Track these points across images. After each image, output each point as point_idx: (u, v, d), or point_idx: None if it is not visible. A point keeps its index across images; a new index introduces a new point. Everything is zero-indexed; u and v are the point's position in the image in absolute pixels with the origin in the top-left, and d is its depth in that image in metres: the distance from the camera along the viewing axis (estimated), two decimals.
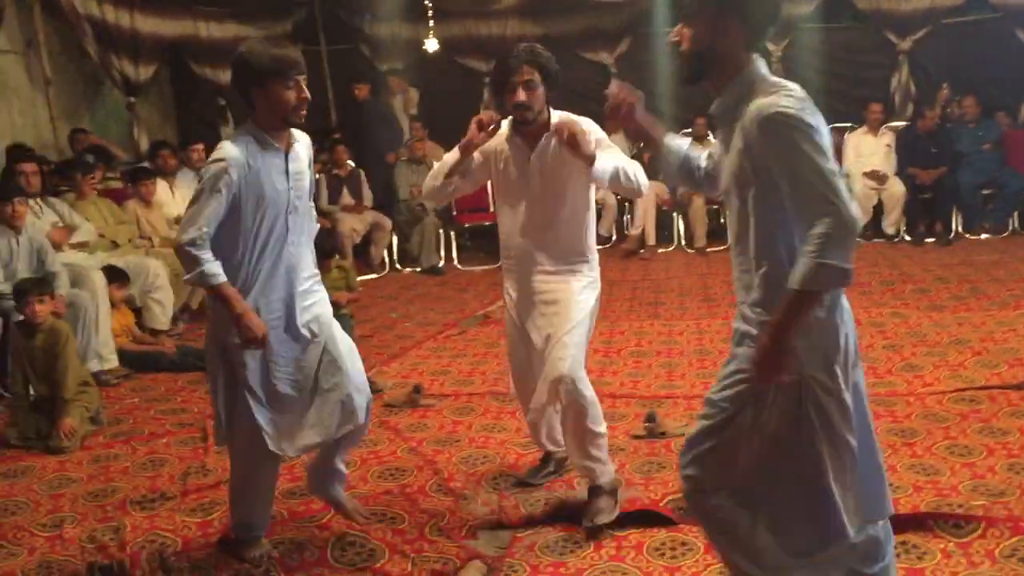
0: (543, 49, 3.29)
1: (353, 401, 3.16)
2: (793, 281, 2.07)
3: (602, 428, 3.41)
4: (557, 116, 3.35)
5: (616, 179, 3.24)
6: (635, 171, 3.29)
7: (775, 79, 2.23)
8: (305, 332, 3.10)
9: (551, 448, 3.77)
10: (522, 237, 3.45)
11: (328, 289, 3.37)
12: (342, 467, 3.41)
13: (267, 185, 2.96)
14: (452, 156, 3.42)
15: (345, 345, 3.21)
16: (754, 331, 2.24)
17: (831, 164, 2.07)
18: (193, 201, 2.91)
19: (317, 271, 3.24)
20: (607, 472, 3.44)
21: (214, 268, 2.88)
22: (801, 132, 2.07)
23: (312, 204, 3.25)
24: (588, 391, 3.33)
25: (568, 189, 3.37)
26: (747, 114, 2.14)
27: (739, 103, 2.20)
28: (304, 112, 2.99)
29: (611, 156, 3.26)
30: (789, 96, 2.12)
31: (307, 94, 2.97)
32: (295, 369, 3.11)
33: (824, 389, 2.21)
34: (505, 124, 3.41)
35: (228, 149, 2.91)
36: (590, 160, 3.16)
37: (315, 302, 3.17)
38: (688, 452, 2.39)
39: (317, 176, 7.86)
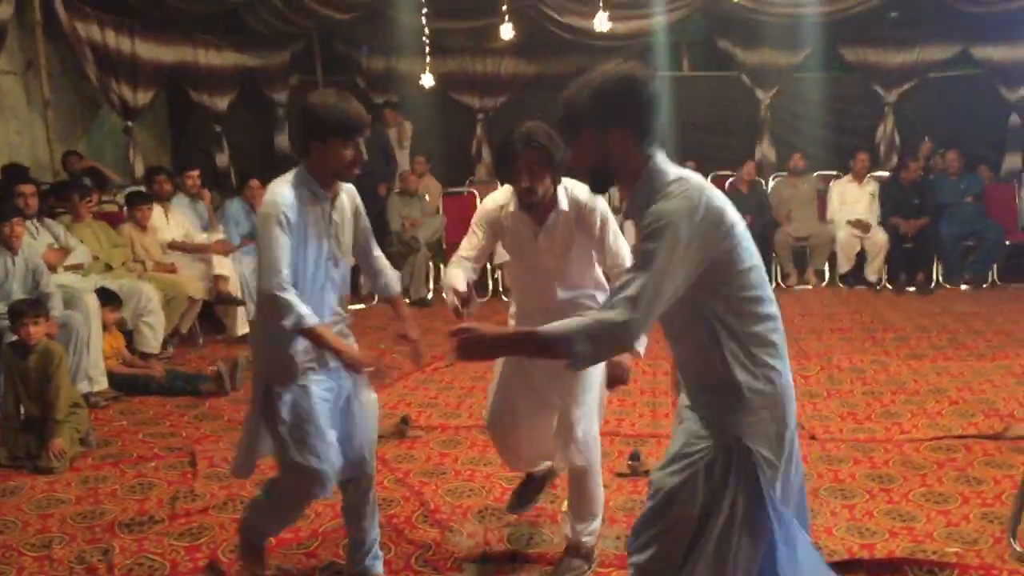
0: (546, 132, 3.19)
1: (362, 449, 3.21)
2: (552, 327, 2.11)
3: (602, 489, 3.46)
4: (564, 189, 3.29)
5: None
6: None
7: (674, 174, 2.21)
8: (334, 373, 3.11)
9: (530, 469, 3.76)
10: (529, 294, 3.50)
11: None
12: (375, 533, 3.36)
13: (311, 231, 2.98)
14: (456, 281, 3.31)
15: (367, 395, 3.27)
16: (689, 409, 2.32)
17: (671, 271, 2.07)
18: (263, 250, 2.91)
19: (345, 318, 3.25)
20: (591, 534, 3.42)
21: (305, 310, 2.88)
22: (669, 232, 2.07)
23: (368, 244, 3.32)
24: (598, 453, 3.39)
25: (573, 265, 3.38)
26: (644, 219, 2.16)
27: (645, 205, 2.19)
28: (357, 171, 3.02)
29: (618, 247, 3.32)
30: (685, 197, 2.12)
31: (364, 154, 3.03)
32: (329, 408, 3.12)
33: (767, 464, 2.21)
34: (510, 196, 3.37)
35: (282, 193, 2.92)
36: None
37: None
38: (635, 538, 2.34)
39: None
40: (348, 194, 3.18)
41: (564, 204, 3.27)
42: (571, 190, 3.29)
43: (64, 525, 3.90)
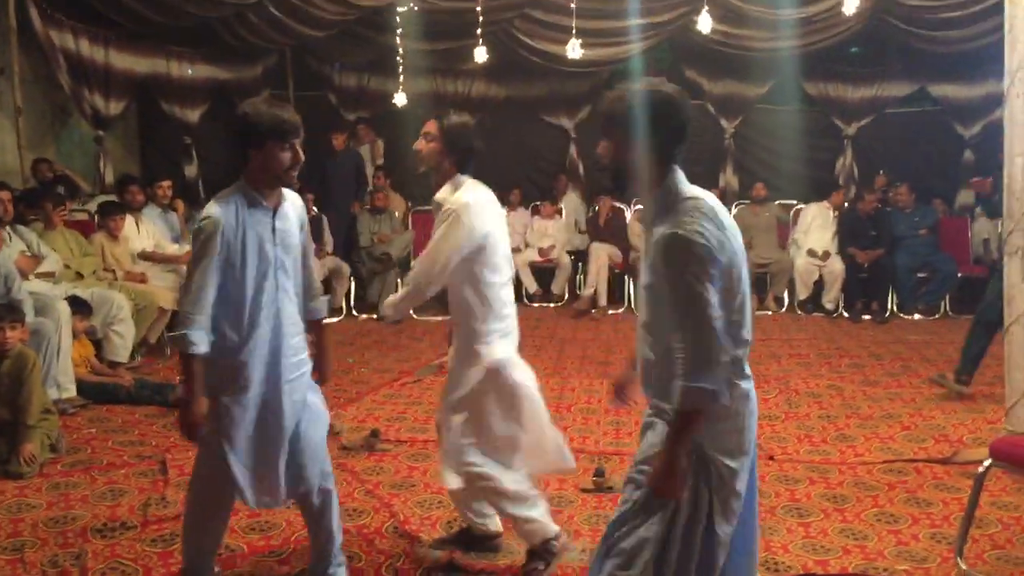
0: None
1: (306, 469, 3.20)
2: (675, 403, 2.29)
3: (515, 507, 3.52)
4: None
5: None
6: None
7: (691, 192, 2.39)
8: (287, 387, 3.12)
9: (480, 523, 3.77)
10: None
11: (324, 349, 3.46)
12: (337, 543, 3.38)
13: (254, 243, 3.01)
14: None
15: (316, 411, 3.27)
16: (652, 417, 2.48)
17: (710, 295, 2.24)
18: (192, 265, 2.97)
19: (303, 328, 3.26)
20: (536, 533, 3.51)
21: (197, 337, 2.91)
22: (691, 257, 2.25)
23: (304, 261, 3.29)
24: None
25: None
26: (655, 235, 2.34)
27: (658, 216, 2.38)
28: (296, 174, 3.08)
29: None
30: (690, 216, 2.30)
31: (301, 156, 3.06)
32: (272, 423, 3.11)
33: (725, 471, 2.37)
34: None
35: (213, 210, 2.97)
36: None
37: (301, 359, 3.20)
38: (603, 543, 2.48)
39: None
40: (294, 204, 3.21)
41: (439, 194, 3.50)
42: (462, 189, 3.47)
43: (36, 529, 3.92)
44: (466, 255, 3.38)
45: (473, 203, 3.40)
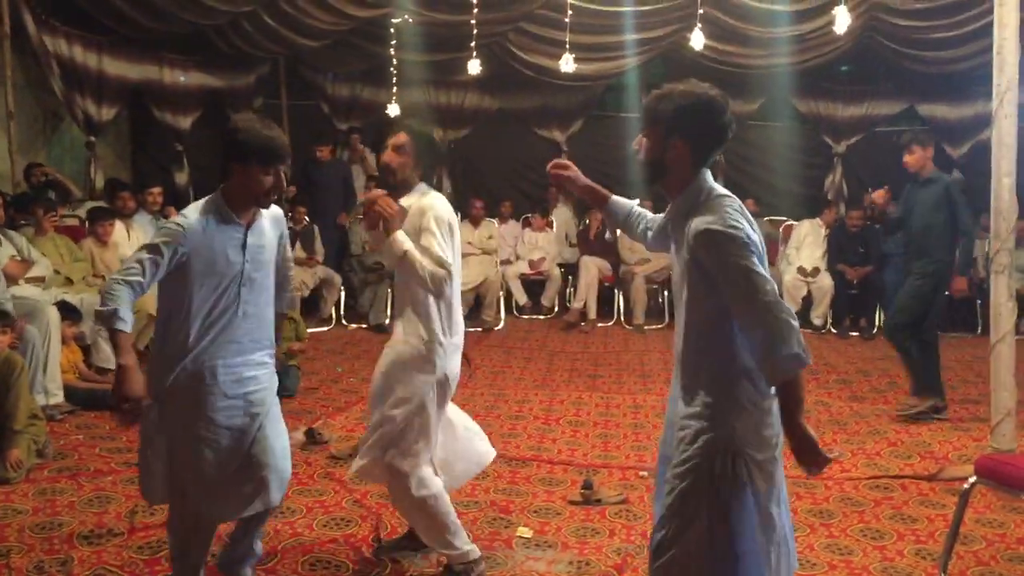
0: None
1: (269, 482, 3.14)
2: (770, 383, 2.32)
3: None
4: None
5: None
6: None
7: (719, 192, 2.46)
8: (242, 402, 3.09)
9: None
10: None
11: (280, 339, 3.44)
12: (258, 547, 3.43)
13: (219, 256, 3.00)
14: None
15: (278, 426, 3.23)
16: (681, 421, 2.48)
17: (762, 270, 2.30)
18: (143, 247, 2.96)
19: (273, 344, 3.25)
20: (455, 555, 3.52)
21: (126, 314, 2.85)
22: (733, 246, 2.30)
23: (276, 274, 3.28)
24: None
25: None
26: (690, 229, 2.38)
27: (687, 215, 2.44)
28: (274, 199, 3.10)
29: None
30: (725, 212, 2.36)
31: (284, 184, 3.08)
32: (228, 437, 3.07)
33: (756, 464, 2.40)
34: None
35: (189, 217, 2.99)
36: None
37: (262, 375, 3.16)
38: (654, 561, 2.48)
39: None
40: (274, 219, 3.22)
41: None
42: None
43: (22, 535, 3.91)
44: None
45: (448, 214, 3.46)
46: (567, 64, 8.18)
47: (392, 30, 9.21)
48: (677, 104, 2.45)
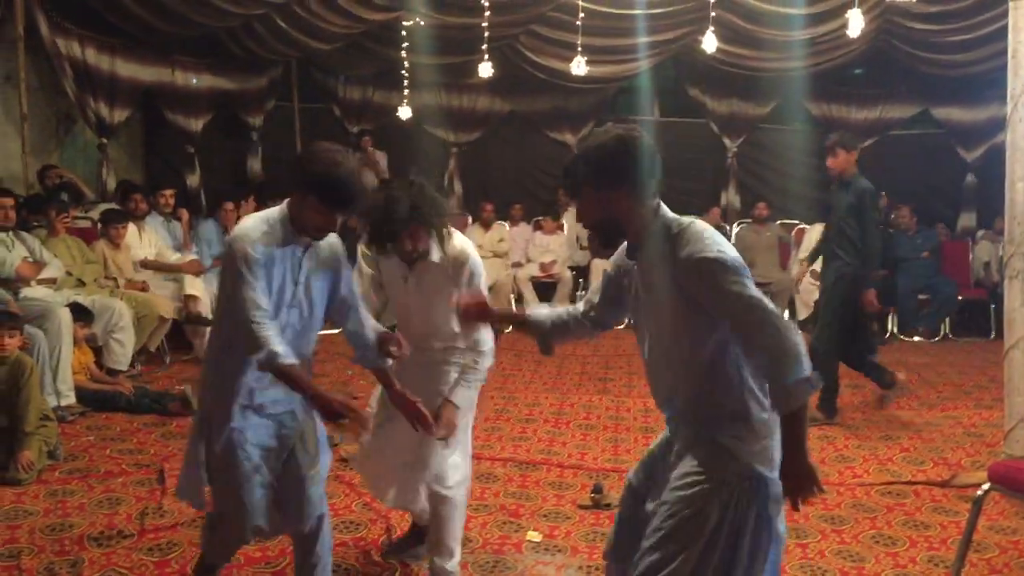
0: (419, 198, 3.24)
1: (304, 508, 3.07)
2: (780, 411, 2.26)
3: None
4: (444, 240, 3.34)
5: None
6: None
7: (682, 219, 2.36)
8: (273, 422, 3.03)
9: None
10: (405, 335, 3.47)
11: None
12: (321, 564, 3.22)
13: (276, 273, 2.87)
14: None
15: (316, 447, 3.15)
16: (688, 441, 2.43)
17: (759, 293, 2.24)
18: (241, 285, 2.78)
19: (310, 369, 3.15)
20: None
21: (281, 347, 2.74)
22: (724, 269, 2.23)
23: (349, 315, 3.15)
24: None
25: (440, 313, 3.40)
26: (677, 264, 2.28)
27: (663, 254, 2.33)
28: (321, 237, 2.93)
29: None
30: (704, 240, 2.27)
31: (335, 227, 2.91)
32: (261, 456, 3.01)
33: (766, 482, 2.35)
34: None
35: (247, 228, 2.86)
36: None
37: (295, 398, 3.03)
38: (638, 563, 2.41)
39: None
40: (331, 245, 3.05)
41: (435, 256, 3.31)
42: (451, 241, 3.35)
43: (33, 536, 3.92)
44: None
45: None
46: (579, 67, 8.18)
47: (404, 33, 9.22)
48: (592, 159, 2.35)
